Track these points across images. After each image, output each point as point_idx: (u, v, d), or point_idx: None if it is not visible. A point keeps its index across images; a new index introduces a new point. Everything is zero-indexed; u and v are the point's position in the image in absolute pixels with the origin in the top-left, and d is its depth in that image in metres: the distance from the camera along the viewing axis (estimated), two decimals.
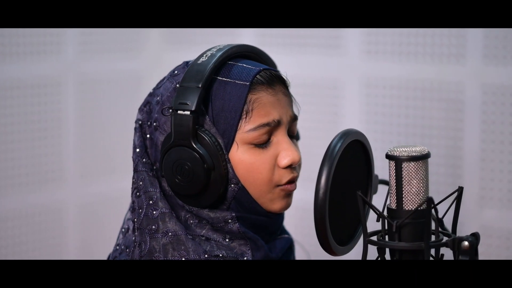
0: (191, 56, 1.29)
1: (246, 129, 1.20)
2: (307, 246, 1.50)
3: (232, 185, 1.20)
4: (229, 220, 1.21)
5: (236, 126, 1.19)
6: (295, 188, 1.25)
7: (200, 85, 1.17)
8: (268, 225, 1.26)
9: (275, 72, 1.25)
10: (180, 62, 1.28)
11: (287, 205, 1.25)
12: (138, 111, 1.27)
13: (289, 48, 2.15)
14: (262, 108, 1.21)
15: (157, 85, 1.27)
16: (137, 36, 2.39)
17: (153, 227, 1.19)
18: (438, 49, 1.92)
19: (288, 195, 1.25)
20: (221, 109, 1.20)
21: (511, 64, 1.82)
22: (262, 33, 2.18)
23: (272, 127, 1.21)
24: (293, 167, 1.24)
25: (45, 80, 2.19)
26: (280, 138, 1.23)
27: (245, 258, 1.20)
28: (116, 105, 2.34)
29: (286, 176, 1.23)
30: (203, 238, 1.20)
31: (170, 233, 1.19)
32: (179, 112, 1.17)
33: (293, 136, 1.28)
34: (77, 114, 2.26)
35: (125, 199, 1.32)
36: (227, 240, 1.21)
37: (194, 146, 1.17)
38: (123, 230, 1.28)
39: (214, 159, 1.18)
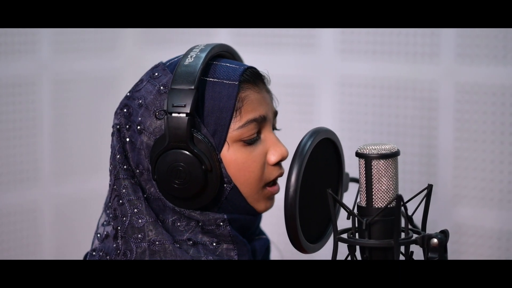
0: (167, 56, 1.28)
1: (236, 127, 1.20)
2: (279, 244, 1.51)
3: (225, 185, 1.20)
4: (221, 223, 1.20)
5: (228, 126, 1.20)
6: (279, 191, 1.26)
7: (193, 87, 1.16)
8: (252, 225, 1.27)
9: (257, 70, 1.26)
10: (155, 62, 1.27)
11: (271, 206, 1.27)
12: (114, 116, 1.24)
13: (264, 48, 2.15)
14: (249, 105, 1.21)
15: (135, 88, 1.25)
16: (112, 36, 2.38)
17: (139, 236, 1.18)
18: (412, 48, 1.93)
19: (272, 197, 1.26)
20: (211, 109, 1.19)
21: (484, 63, 1.84)
22: (237, 32, 2.18)
23: (259, 123, 1.22)
24: (281, 163, 1.25)
25: (19, 80, 2.18)
26: (267, 134, 1.24)
27: None
28: (91, 105, 2.33)
29: (275, 172, 1.24)
30: (190, 243, 1.20)
31: (157, 242, 1.18)
32: (174, 115, 1.16)
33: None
34: (51, 114, 2.25)
35: (100, 200, 1.31)
36: (214, 244, 1.20)
37: (192, 148, 1.16)
38: (98, 235, 1.26)
39: (210, 160, 1.18)
